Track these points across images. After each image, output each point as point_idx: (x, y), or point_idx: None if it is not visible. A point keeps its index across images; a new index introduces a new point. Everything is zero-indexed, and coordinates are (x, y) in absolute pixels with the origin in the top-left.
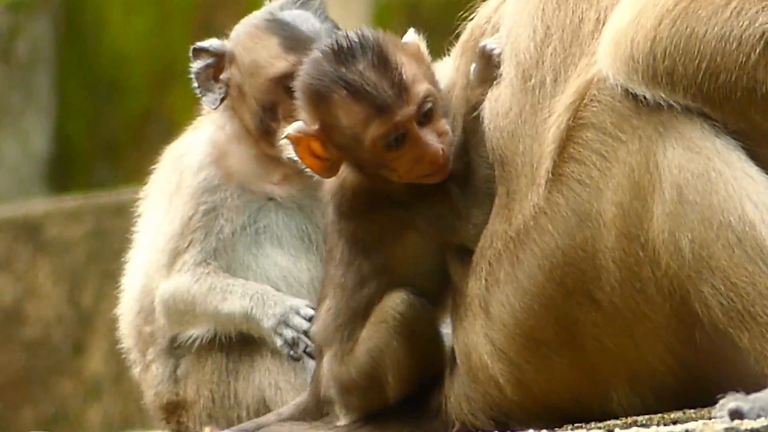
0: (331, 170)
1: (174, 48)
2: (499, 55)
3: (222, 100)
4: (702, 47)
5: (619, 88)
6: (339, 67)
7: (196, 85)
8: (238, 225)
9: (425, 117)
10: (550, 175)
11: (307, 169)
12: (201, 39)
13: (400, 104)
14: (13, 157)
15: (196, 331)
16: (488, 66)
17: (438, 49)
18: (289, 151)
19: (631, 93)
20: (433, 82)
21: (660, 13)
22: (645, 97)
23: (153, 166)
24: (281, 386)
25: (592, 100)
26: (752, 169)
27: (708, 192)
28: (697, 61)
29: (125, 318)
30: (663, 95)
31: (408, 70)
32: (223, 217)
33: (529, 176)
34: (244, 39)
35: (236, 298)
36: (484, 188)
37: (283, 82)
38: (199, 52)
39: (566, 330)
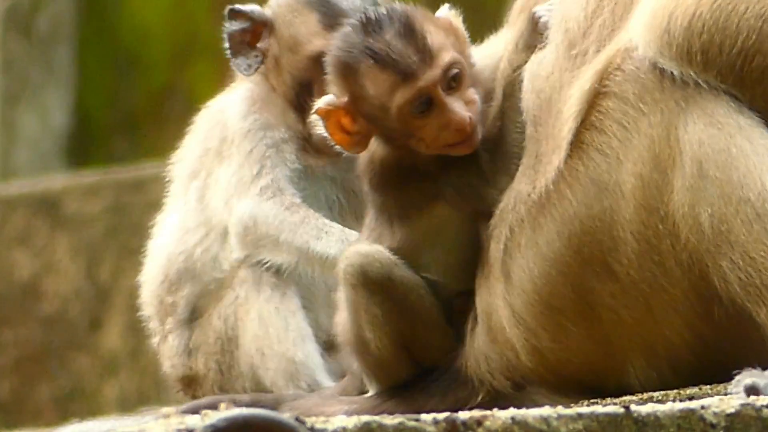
0: (359, 145)
1: (194, 22)
2: (546, 24)
3: (257, 68)
4: (740, 24)
5: (647, 61)
6: (366, 38)
7: (227, 45)
8: (292, 170)
9: (452, 83)
10: (571, 137)
11: (337, 146)
12: (223, 13)
13: (424, 69)
14: (32, 131)
15: (272, 258)
16: (534, 32)
17: (474, 29)
18: (319, 127)
19: (658, 67)
20: (463, 52)
21: None
22: (672, 73)
23: (173, 141)
24: (265, 352)
25: (616, 68)
26: None
27: (728, 167)
28: (733, 39)
29: (147, 286)
30: (693, 73)
31: (435, 38)
32: (288, 152)
33: (556, 139)
34: (284, 11)
35: (333, 240)
36: (512, 153)
37: (321, 61)
38: (236, 15)
39: (583, 299)
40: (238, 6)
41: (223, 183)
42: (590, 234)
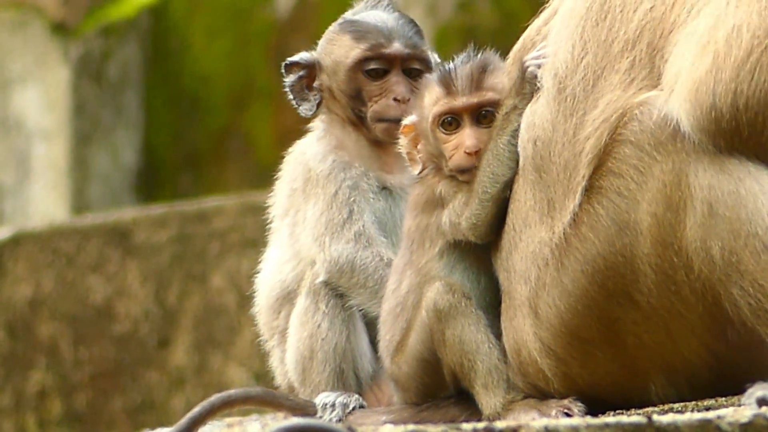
0: (417, 162)
1: (252, 69)
2: (533, 72)
3: (318, 105)
4: None
5: (666, 119)
6: (449, 64)
7: (291, 97)
8: (378, 209)
9: (483, 117)
10: (586, 183)
11: (408, 161)
12: (277, 61)
13: (466, 94)
14: (104, 169)
15: (353, 301)
16: (523, 80)
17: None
18: (401, 146)
19: (673, 125)
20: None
21: (737, 63)
22: (686, 132)
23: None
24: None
25: (633, 118)
26: None
27: (737, 206)
28: None
29: (260, 316)
30: (738, 147)
31: (493, 78)
32: (368, 189)
33: (565, 184)
34: (325, 45)
35: None
36: (479, 191)
37: (360, 68)
38: (290, 67)
39: (608, 328)
40: (290, 59)
41: (312, 220)
42: (613, 269)
